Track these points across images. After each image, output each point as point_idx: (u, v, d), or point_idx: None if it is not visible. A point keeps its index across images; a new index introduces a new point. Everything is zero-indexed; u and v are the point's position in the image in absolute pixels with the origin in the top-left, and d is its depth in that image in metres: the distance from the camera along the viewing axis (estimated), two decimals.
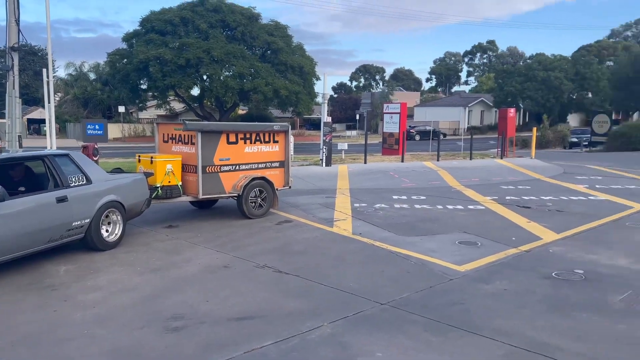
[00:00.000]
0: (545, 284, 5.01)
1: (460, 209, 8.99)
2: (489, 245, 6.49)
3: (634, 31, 73.38)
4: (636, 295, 4.68)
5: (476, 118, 57.41)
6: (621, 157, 20.54)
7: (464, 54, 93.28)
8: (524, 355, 3.53)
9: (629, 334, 3.86)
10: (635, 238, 6.85)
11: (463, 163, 17.48)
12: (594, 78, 48.45)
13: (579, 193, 10.65)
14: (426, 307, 4.40)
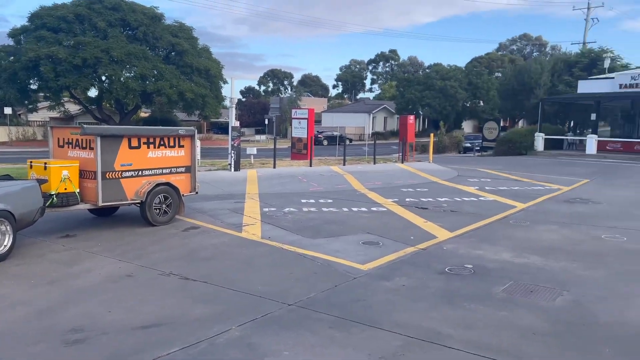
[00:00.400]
0: (439, 279, 5.43)
1: (365, 211, 9.40)
2: (390, 245, 6.88)
3: (518, 45, 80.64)
4: (516, 285, 5.23)
5: (380, 124, 59.86)
6: (508, 160, 22.50)
7: (368, 62, 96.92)
8: (419, 344, 3.83)
9: (509, 320, 4.32)
10: (517, 235, 7.60)
11: (367, 167, 18.19)
12: (485, 88, 52.54)
13: (471, 194, 11.55)
14: (331, 305, 4.60)
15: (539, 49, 77.07)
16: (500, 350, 3.73)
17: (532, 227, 8.03)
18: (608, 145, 25.57)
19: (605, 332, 4.04)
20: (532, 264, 5.98)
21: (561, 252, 6.52)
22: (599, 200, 10.78)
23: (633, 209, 9.66)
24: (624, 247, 6.79)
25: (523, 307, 4.60)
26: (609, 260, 6.14)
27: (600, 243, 7.01)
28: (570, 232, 7.70)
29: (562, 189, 12.54)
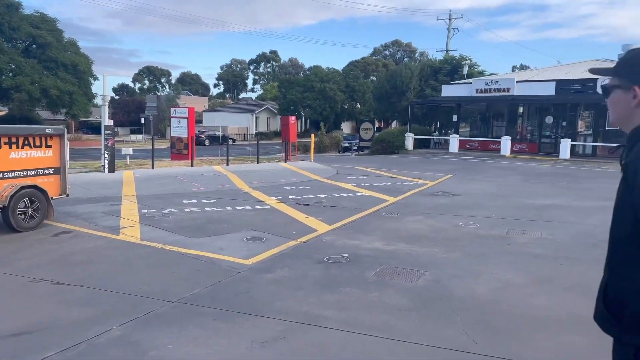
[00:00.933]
0: (318, 268, 5.79)
1: (249, 209, 9.56)
2: (273, 240, 7.13)
3: (391, 51, 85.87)
4: (386, 269, 5.75)
5: (263, 124, 60.14)
6: (382, 159, 24.02)
7: (250, 62, 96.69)
8: (299, 327, 4.11)
9: (379, 300, 4.78)
10: (388, 225, 8.27)
11: (251, 167, 18.33)
12: (361, 90, 55.35)
13: (348, 191, 12.24)
14: (215, 300, 4.72)
15: (409, 54, 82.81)
16: (371, 327, 4.14)
17: (401, 218, 8.79)
18: (468, 144, 28.41)
19: (458, 304, 4.66)
20: (400, 250, 6.60)
21: (425, 239, 7.27)
22: (459, 193, 12.05)
23: (485, 200, 10.97)
24: (477, 232, 7.74)
25: (391, 287, 5.11)
26: (464, 244, 6.98)
27: (458, 230, 7.91)
28: (433, 221, 8.57)
29: (428, 183, 13.78)
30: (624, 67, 1.73)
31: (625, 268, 1.67)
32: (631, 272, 1.65)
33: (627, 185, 1.65)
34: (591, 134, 25.62)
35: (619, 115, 1.77)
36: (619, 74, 1.73)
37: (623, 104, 1.73)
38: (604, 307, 1.75)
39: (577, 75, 27.04)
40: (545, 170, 18.15)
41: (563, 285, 5.21)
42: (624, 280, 1.68)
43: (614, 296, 1.71)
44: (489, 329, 4.13)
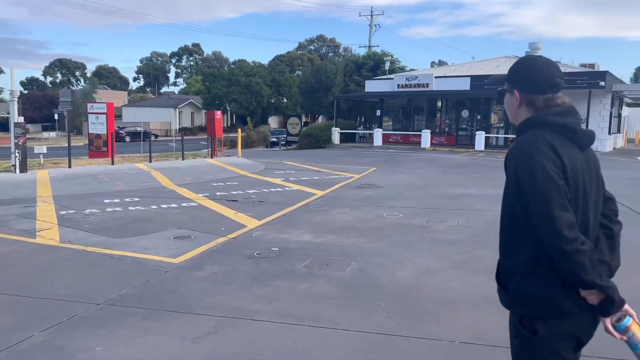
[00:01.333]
0: (248, 263, 5.86)
1: (175, 207, 9.39)
2: (201, 237, 7.09)
3: (315, 45, 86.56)
4: (315, 261, 5.93)
5: (187, 119, 58.60)
6: (309, 153, 24.30)
7: (171, 55, 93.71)
8: (231, 322, 4.17)
9: (308, 291, 4.94)
10: (316, 218, 8.47)
11: (176, 163, 17.89)
12: (287, 85, 55.39)
13: (277, 185, 12.34)
14: (143, 300, 4.66)
15: (333, 49, 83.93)
16: (301, 317, 4.29)
17: (329, 211, 9.02)
18: (391, 138, 29.39)
19: (383, 290, 4.92)
20: (328, 242, 6.80)
21: (352, 230, 7.53)
22: (383, 185, 12.52)
23: (407, 191, 11.49)
24: (400, 222, 8.13)
25: (320, 278, 5.29)
26: (387, 233, 7.31)
27: (382, 220, 8.26)
28: (359, 213, 8.88)
29: (354, 176, 14.17)
30: (510, 74, 2.02)
31: (508, 250, 1.97)
32: (512, 254, 1.95)
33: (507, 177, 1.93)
34: (503, 126, 27.39)
35: (510, 115, 2.07)
36: (507, 80, 2.02)
37: (510, 105, 2.03)
38: (498, 283, 2.04)
39: (489, 71, 28.77)
40: (462, 162, 19.23)
41: (477, 269, 5.63)
42: (508, 260, 1.97)
43: (503, 274, 2.00)
44: (411, 312, 4.41)
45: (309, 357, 3.59)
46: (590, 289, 1.80)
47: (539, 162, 1.78)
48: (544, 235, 1.77)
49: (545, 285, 1.85)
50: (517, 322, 1.94)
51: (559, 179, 1.78)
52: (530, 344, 1.90)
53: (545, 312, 1.87)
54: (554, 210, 1.74)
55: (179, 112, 56.60)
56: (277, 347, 3.74)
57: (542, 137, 1.85)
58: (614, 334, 1.87)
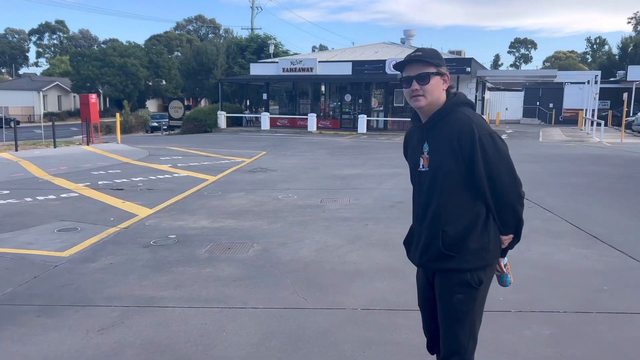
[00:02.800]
0: (145, 252, 5.69)
1: (53, 199, 8.70)
2: (89, 229, 6.70)
3: (194, 26, 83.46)
4: (216, 245, 5.93)
5: (54, 103, 53.54)
6: (195, 138, 23.65)
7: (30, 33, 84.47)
8: (136, 311, 4.08)
9: (213, 274, 4.96)
10: (212, 203, 8.39)
11: (47, 152, 16.42)
12: (166, 67, 52.87)
13: (165, 172, 11.92)
14: (35, 296, 4.36)
15: (213, 31, 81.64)
16: (209, 300, 4.32)
17: (223, 196, 8.98)
18: (278, 122, 29.62)
19: (287, 268, 5.11)
20: (227, 226, 6.82)
21: (249, 213, 7.61)
22: (275, 168, 12.69)
23: (300, 173, 11.79)
24: (295, 203, 8.37)
25: (224, 262, 5.33)
26: (285, 215, 7.51)
27: (278, 202, 8.43)
28: (255, 196, 8.96)
29: (245, 161, 14.16)
30: (440, 60, 2.28)
31: (460, 214, 2.24)
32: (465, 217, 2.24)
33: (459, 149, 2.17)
34: (382, 110, 28.94)
35: (432, 96, 2.26)
36: (440, 64, 2.26)
37: (438, 87, 2.26)
38: (443, 249, 2.25)
39: (369, 56, 30.11)
40: (347, 144, 20.06)
41: (370, 242, 6.05)
42: (458, 224, 2.23)
43: (452, 239, 2.23)
44: (314, 285, 4.65)
45: (222, 337, 3.66)
46: (518, 231, 2.30)
47: (495, 133, 2.20)
48: (509, 187, 2.21)
49: (493, 237, 2.25)
50: (467, 279, 2.22)
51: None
52: (474, 295, 2.24)
53: (489, 261, 2.25)
54: (513, 165, 2.25)
55: (43, 95, 51.41)
56: (189, 330, 3.76)
57: (477, 112, 2.28)
58: (502, 269, 2.40)
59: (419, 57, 2.25)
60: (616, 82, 36.89)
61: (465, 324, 2.26)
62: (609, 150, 18.09)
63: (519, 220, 2.28)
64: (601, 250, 5.75)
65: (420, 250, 2.35)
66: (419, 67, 2.24)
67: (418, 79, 2.24)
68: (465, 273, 2.23)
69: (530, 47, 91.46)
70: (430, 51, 2.30)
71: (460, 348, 2.27)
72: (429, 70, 2.23)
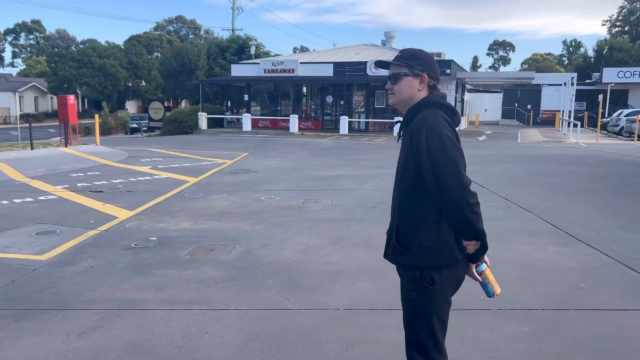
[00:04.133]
0: (126, 254, 5.63)
1: (31, 201, 8.55)
2: (68, 231, 6.60)
3: (175, 26, 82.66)
4: (198, 247, 5.90)
5: (30, 105, 52.55)
6: (176, 139, 23.45)
7: (6, 32, 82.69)
8: (117, 313, 4.04)
9: (195, 276, 4.94)
10: (193, 205, 8.34)
11: (24, 154, 16.12)
12: (146, 67, 52.23)
13: (145, 174, 11.80)
14: (12, 300, 4.28)
15: (194, 31, 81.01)
16: (192, 302, 4.30)
17: (205, 198, 8.94)
18: (260, 123, 29.54)
19: (269, 269, 5.11)
20: (209, 228, 6.79)
21: (231, 214, 7.58)
22: (257, 169, 12.66)
23: (282, 175, 11.78)
24: (277, 204, 8.36)
25: (206, 264, 5.30)
26: (267, 216, 7.50)
27: (260, 204, 8.42)
28: (236, 198, 8.93)
29: (226, 162, 14.09)
30: (418, 60, 2.32)
31: (411, 211, 2.26)
32: (415, 214, 2.25)
33: (412, 147, 2.21)
34: (364, 111, 29.07)
35: (405, 96, 2.33)
36: (416, 65, 2.30)
37: (411, 87, 2.31)
38: (396, 243, 2.29)
39: (350, 58, 30.21)
40: (329, 145, 20.11)
41: (352, 243, 6.09)
42: (409, 219, 2.26)
43: (404, 234, 2.27)
44: (297, 286, 4.66)
45: (205, 338, 3.64)
46: (477, 239, 2.21)
47: (444, 133, 2.16)
48: (453, 191, 2.11)
49: (444, 238, 2.20)
50: (417, 277, 2.22)
51: (459, 145, 2.20)
52: (427, 294, 2.22)
53: (442, 262, 2.21)
54: (460, 170, 2.14)
55: (19, 96, 50.41)
56: (171, 332, 3.73)
57: (439, 114, 2.24)
58: (476, 277, 2.35)
59: (395, 58, 2.38)
60: (592, 84, 37.70)
61: (423, 322, 2.25)
62: (585, 150, 18.47)
63: (475, 229, 2.17)
64: (578, 248, 5.88)
65: (385, 245, 2.43)
66: (395, 67, 2.36)
67: (391, 78, 2.36)
68: (416, 270, 2.23)
69: (509, 49, 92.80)
70: (408, 53, 2.37)
71: (419, 344, 2.27)
72: (401, 70, 2.33)
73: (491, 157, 15.52)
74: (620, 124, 27.19)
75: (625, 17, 56.36)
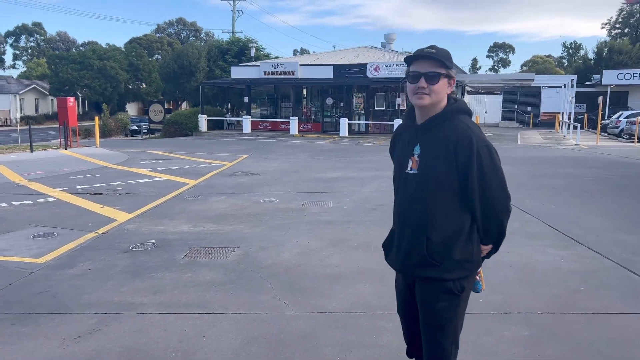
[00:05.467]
0: (124, 257, 5.61)
1: (29, 204, 8.53)
2: (67, 234, 6.58)
3: (175, 29, 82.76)
4: (196, 250, 5.88)
5: (31, 107, 52.59)
6: (176, 141, 23.44)
7: (7, 35, 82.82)
8: (114, 317, 4.01)
9: (193, 279, 4.91)
10: (192, 208, 8.32)
11: (24, 156, 16.11)
12: (147, 70, 52.27)
13: (145, 176, 11.78)
14: (9, 304, 4.26)
15: (194, 34, 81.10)
16: (189, 305, 4.28)
17: (204, 200, 8.91)
18: (260, 125, 29.55)
19: (267, 272, 5.08)
20: (207, 231, 6.76)
21: (231, 217, 7.56)
22: (257, 171, 12.64)
23: (281, 177, 11.76)
24: (277, 207, 8.34)
25: (204, 267, 5.28)
26: (266, 218, 7.48)
27: (259, 206, 8.39)
28: (236, 200, 8.91)
29: (226, 164, 14.07)
30: (449, 61, 2.20)
31: (447, 223, 2.19)
32: (451, 226, 2.20)
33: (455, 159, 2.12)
34: (364, 113, 29.06)
35: (440, 98, 2.20)
36: (448, 65, 2.19)
37: (443, 90, 2.20)
38: (427, 257, 2.19)
39: (350, 60, 30.21)
40: (329, 147, 20.09)
41: (352, 245, 6.06)
42: (445, 233, 2.19)
43: (438, 248, 2.19)
44: (296, 289, 4.63)
45: (202, 342, 3.62)
46: (499, 243, 2.30)
47: (490, 143, 2.17)
48: (502, 201, 2.21)
49: (476, 248, 2.23)
50: (449, 287, 2.19)
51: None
52: (456, 301, 2.22)
53: (472, 271, 2.24)
54: (506, 182, 2.24)
55: (20, 98, 50.45)
56: (168, 336, 3.71)
57: (474, 123, 2.23)
58: (474, 276, 2.37)
59: (432, 55, 2.16)
60: (592, 86, 37.69)
61: (448, 331, 2.23)
62: (585, 152, 18.45)
63: (502, 233, 2.27)
64: (578, 251, 5.85)
65: (402, 256, 2.28)
66: (431, 64, 2.15)
67: (427, 76, 2.15)
68: (449, 282, 2.19)
69: (509, 52, 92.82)
70: (443, 51, 2.21)
71: (443, 355, 2.24)
72: (440, 70, 2.15)
73: None
74: (620, 125, 27.18)
75: (624, 20, 56.36)
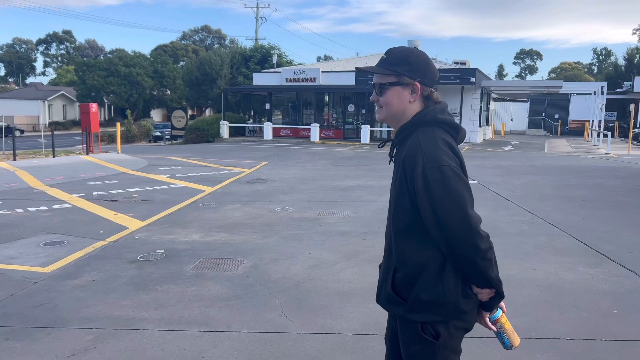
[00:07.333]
0: (130, 268, 5.44)
1: (45, 210, 8.49)
2: (76, 242, 6.47)
3: (200, 36, 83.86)
4: (205, 261, 5.68)
5: (59, 113, 53.77)
6: (197, 148, 23.48)
7: (38, 42, 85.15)
8: (112, 334, 3.82)
9: (198, 293, 4.70)
10: (206, 216, 8.15)
11: (45, 161, 16.27)
12: (171, 76, 52.87)
13: (162, 182, 11.71)
14: (7, 316, 4.11)
15: (219, 41, 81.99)
16: (191, 322, 4.06)
17: (219, 208, 8.74)
18: (281, 132, 29.46)
19: (276, 287, 4.84)
20: (219, 241, 6.57)
21: (244, 226, 7.36)
22: (274, 179, 12.45)
23: (299, 185, 11.54)
24: (292, 216, 8.11)
25: (211, 279, 5.07)
26: (280, 228, 7.25)
27: (274, 215, 8.18)
28: (251, 208, 8.71)
29: (245, 171, 13.93)
30: (406, 63, 1.85)
31: (409, 256, 1.82)
32: (413, 259, 1.81)
33: (405, 180, 1.79)
34: None
35: (395, 110, 1.89)
36: (403, 70, 1.85)
37: (402, 98, 1.86)
38: (392, 292, 1.87)
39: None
40: (349, 155, 19.82)
41: (367, 259, 5.78)
42: (407, 267, 1.83)
43: (401, 283, 1.85)
44: (304, 307, 4.38)
45: None
46: (491, 287, 1.80)
47: (445, 162, 1.72)
48: (460, 235, 1.69)
49: (449, 289, 1.78)
50: (418, 330, 1.82)
51: (465, 177, 1.77)
52: (431, 348, 1.82)
53: (448, 316, 1.81)
54: (467, 209, 1.70)
55: (48, 105, 51.64)
56: (165, 357, 3.49)
57: (438, 135, 1.79)
58: (490, 326, 1.93)
59: (379, 63, 1.90)
60: (623, 93, 36.57)
61: None
62: (616, 162, 17.75)
63: (488, 278, 1.76)
64: (610, 269, 5.45)
65: (378, 287, 2.00)
66: (378, 75, 1.90)
67: (377, 89, 1.91)
68: (417, 324, 1.82)
69: (536, 58, 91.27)
70: (395, 56, 1.89)
71: None
72: (386, 80, 1.87)
73: (516, 168, 15.00)
74: None
75: None
